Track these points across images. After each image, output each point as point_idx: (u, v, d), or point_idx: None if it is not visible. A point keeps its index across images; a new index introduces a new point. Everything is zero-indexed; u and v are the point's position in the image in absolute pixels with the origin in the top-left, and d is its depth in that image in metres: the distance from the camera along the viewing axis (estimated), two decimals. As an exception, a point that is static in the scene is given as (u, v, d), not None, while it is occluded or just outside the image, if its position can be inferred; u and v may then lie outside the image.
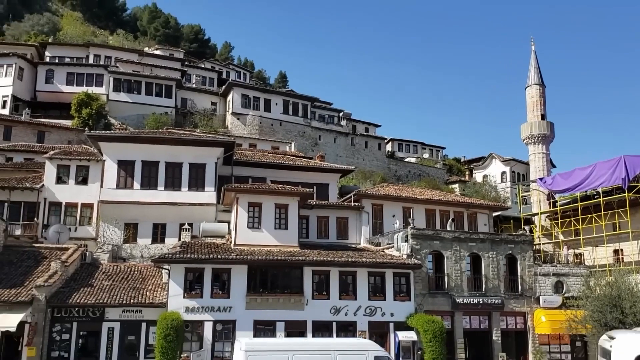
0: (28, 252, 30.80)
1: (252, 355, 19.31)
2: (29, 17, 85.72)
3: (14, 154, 44.65)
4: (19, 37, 78.13)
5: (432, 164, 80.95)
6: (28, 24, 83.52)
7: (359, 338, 26.35)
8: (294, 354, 19.65)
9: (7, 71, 57.66)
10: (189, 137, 37.85)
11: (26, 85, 59.21)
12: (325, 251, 30.75)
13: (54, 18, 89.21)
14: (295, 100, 68.92)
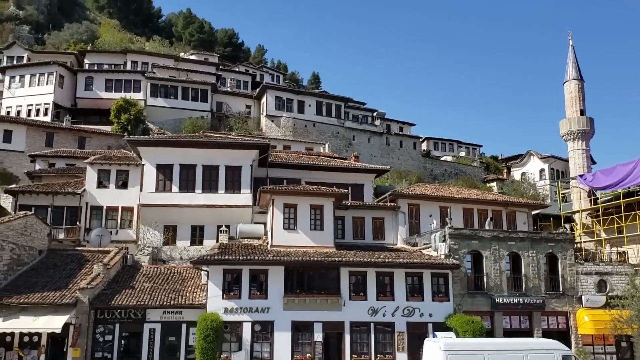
0: (71, 255, 31.63)
1: (452, 354, 20.61)
2: (69, 26, 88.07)
3: (56, 160, 45.91)
4: (59, 45, 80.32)
5: (468, 162, 79.92)
6: (68, 32, 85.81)
7: (545, 339, 26.24)
8: (489, 353, 21.21)
9: (49, 79, 59.41)
10: (225, 140, 38.32)
11: (67, 92, 60.85)
12: (361, 252, 30.69)
13: (92, 26, 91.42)
14: (328, 101, 68.97)
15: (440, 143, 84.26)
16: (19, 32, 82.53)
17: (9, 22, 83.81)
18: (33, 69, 60.42)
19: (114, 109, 55.93)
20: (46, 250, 31.62)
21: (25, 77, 60.23)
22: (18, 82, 60.42)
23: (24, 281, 28.02)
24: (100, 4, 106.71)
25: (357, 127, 70.05)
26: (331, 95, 73.10)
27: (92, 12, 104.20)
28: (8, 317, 25.61)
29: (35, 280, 28.19)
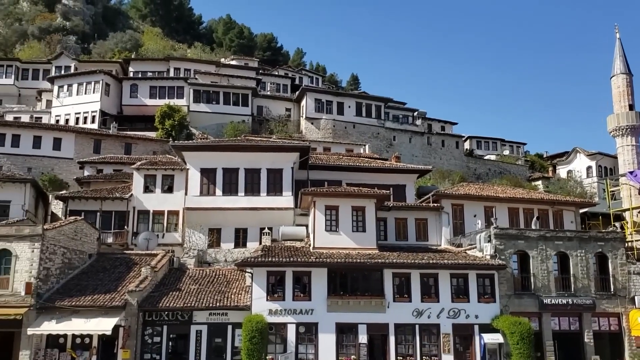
0: (120, 258, 32.48)
1: None
2: (113, 35, 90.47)
3: (104, 166, 47.23)
4: (104, 54, 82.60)
5: (512, 161, 78.37)
6: (112, 41, 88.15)
7: None
8: None
9: (95, 88, 61.16)
10: (266, 144, 38.67)
11: (112, 100, 62.51)
12: (405, 253, 30.47)
13: (136, 35, 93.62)
14: (368, 101, 68.74)
15: (483, 142, 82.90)
16: (66, 42, 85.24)
17: (57, 33, 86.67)
18: (80, 78, 62.31)
19: (158, 115, 57.19)
20: (96, 254, 32.56)
21: (73, 86, 62.18)
22: (66, 91, 62.41)
23: (75, 284, 28.91)
24: (143, 12, 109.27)
25: (397, 127, 69.57)
26: (371, 95, 72.83)
27: (135, 21, 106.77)
28: (61, 319, 26.48)
29: (86, 283, 29.06)
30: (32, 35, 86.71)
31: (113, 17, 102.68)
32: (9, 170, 47.01)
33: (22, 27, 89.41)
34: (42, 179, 46.17)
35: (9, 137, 51.53)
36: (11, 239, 27.28)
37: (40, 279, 27.25)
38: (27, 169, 49.75)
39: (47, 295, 27.42)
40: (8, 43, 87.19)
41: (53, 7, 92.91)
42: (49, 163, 51.37)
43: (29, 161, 51.09)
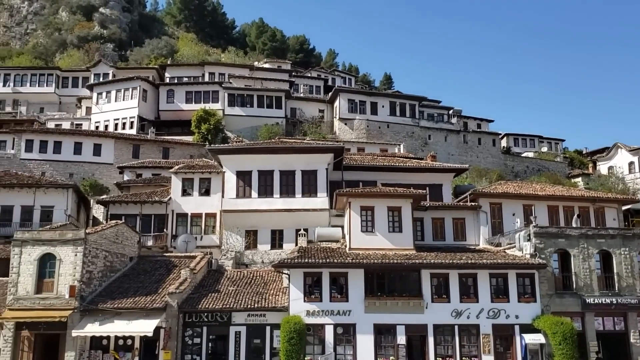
0: (160, 261, 33.06)
1: None
2: (149, 42, 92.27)
3: (143, 170, 48.19)
4: (141, 61, 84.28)
5: (551, 157, 76.81)
6: (148, 48, 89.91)
7: None
8: None
9: (133, 94, 62.46)
10: (300, 145, 38.78)
11: (150, 105, 63.71)
12: (442, 253, 30.17)
13: (171, 41, 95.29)
14: (402, 101, 68.34)
15: (520, 139, 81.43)
16: (104, 50, 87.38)
17: (95, 41, 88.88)
18: (118, 84, 63.75)
19: (195, 120, 58.05)
20: (136, 257, 33.22)
21: (112, 93, 63.63)
22: (105, 97, 63.91)
23: (117, 287, 29.56)
24: (178, 19, 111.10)
25: (432, 126, 68.96)
26: (404, 94, 72.43)
27: (170, 27, 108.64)
28: (104, 321, 27.14)
29: (128, 285, 29.67)
30: (71, 44, 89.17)
31: (149, 24, 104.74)
32: (51, 176, 48.53)
33: (61, 36, 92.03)
34: (83, 184, 47.39)
35: (51, 144, 53.13)
36: (55, 243, 28.08)
37: (84, 282, 27.95)
38: (69, 174, 51.23)
39: (90, 298, 28.10)
40: (48, 52, 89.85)
41: (91, 16, 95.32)
42: (89, 168, 52.73)
43: (70, 167, 52.56)
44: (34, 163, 52.37)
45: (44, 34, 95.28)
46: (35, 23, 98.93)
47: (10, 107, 70.42)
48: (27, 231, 29.42)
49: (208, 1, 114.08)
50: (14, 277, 27.85)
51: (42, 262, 27.94)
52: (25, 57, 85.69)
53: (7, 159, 52.58)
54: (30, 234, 28.74)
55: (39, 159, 52.70)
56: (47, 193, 38.30)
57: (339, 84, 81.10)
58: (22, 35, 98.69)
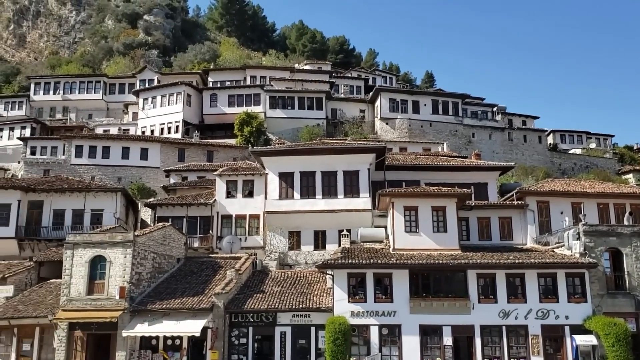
0: (206, 262, 33.61)
1: None
2: (192, 48, 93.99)
3: (188, 173, 49.13)
4: (185, 66, 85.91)
5: (600, 154, 74.58)
6: (191, 53, 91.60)
7: None
8: None
9: (177, 99, 63.72)
10: (342, 146, 38.77)
11: (194, 110, 64.87)
12: (488, 253, 29.65)
13: (213, 46, 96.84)
14: (444, 99, 67.56)
15: (567, 135, 79.35)
16: (148, 56, 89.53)
17: (140, 48, 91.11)
18: (163, 90, 65.15)
19: (237, 123, 58.81)
20: (183, 258, 33.85)
21: (157, 98, 65.07)
22: (150, 103, 65.42)
23: (165, 288, 30.19)
24: (219, 24, 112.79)
25: (476, 123, 67.91)
26: (447, 92, 71.59)
27: (212, 32, 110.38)
28: (153, 321, 27.74)
29: (175, 286, 30.27)
30: (117, 52, 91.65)
31: (191, 29, 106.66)
32: (100, 180, 50.01)
33: (107, 44, 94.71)
34: (131, 187, 48.64)
35: (100, 149, 54.82)
36: (105, 245, 28.89)
37: (133, 283, 28.64)
38: (117, 178, 52.72)
39: (139, 299, 28.78)
40: (96, 60, 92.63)
41: (135, 23, 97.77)
42: (137, 172, 54.10)
43: (118, 171, 54.06)
44: (84, 168, 54.08)
45: (91, 42, 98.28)
46: (82, 32, 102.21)
47: (61, 114, 73.00)
48: (79, 234, 30.34)
49: (249, 5, 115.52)
50: (67, 279, 28.77)
51: (93, 264, 28.76)
52: (74, 66, 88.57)
53: (59, 165, 54.48)
54: (82, 237, 29.63)
55: (88, 164, 54.41)
56: (96, 197, 39.48)
57: (379, 83, 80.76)
58: (71, 44, 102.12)
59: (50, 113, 73.28)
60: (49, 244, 37.77)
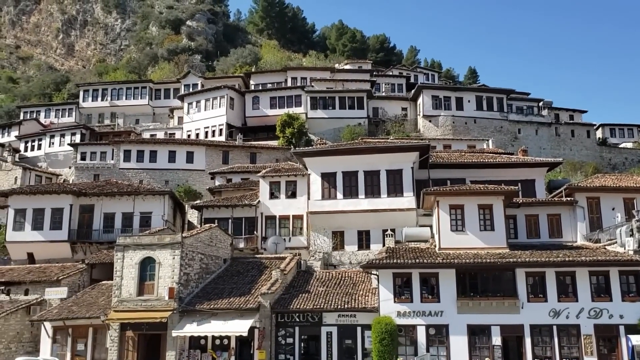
0: (251, 262, 33.98)
1: None
2: (234, 51, 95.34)
3: (232, 175, 49.89)
4: (227, 70, 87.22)
5: (653, 147, 71.89)
6: (233, 57, 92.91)
7: None
8: None
9: (221, 102, 64.67)
10: (384, 145, 38.56)
11: (237, 112, 65.70)
12: (537, 251, 28.95)
13: (255, 49, 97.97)
14: (488, 94, 66.39)
15: (617, 129, 76.76)
16: (192, 61, 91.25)
17: (183, 53, 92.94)
18: (207, 94, 66.19)
19: (279, 124, 59.27)
20: (229, 259, 34.32)
21: (201, 102, 66.15)
22: (195, 107, 66.56)
23: (213, 288, 30.66)
24: (260, 27, 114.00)
25: (522, 119, 66.52)
26: (491, 88, 70.40)
27: (253, 35, 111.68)
28: (201, 322, 28.22)
29: (222, 286, 30.71)
30: (162, 58, 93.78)
31: (233, 33, 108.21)
32: (148, 183, 51.24)
33: (152, 50, 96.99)
34: (178, 190, 49.66)
35: (147, 153, 56.23)
36: (154, 247, 29.55)
37: (181, 284, 29.20)
38: (164, 181, 53.93)
39: (188, 299, 29.32)
40: (141, 66, 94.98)
41: (179, 29, 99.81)
42: (183, 175, 55.22)
43: (165, 174, 55.29)
44: (132, 172, 55.51)
45: (137, 49, 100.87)
46: (128, 39, 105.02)
47: (109, 120, 75.19)
48: (128, 236, 31.05)
49: (288, 7, 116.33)
50: (118, 281, 29.55)
51: (143, 265, 29.44)
52: (121, 72, 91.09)
53: (108, 169, 56.07)
54: (132, 239, 30.38)
55: (136, 168, 55.83)
56: (145, 200, 40.45)
57: (421, 80, 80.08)
58: (117, 52, 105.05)
59: (98, 119, 75.60)
60: (100, 247, 38.95)
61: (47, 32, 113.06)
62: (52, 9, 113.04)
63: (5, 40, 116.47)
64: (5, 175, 56.06)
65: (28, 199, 39.93)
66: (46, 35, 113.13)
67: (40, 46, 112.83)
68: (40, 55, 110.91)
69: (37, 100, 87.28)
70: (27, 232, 39.45)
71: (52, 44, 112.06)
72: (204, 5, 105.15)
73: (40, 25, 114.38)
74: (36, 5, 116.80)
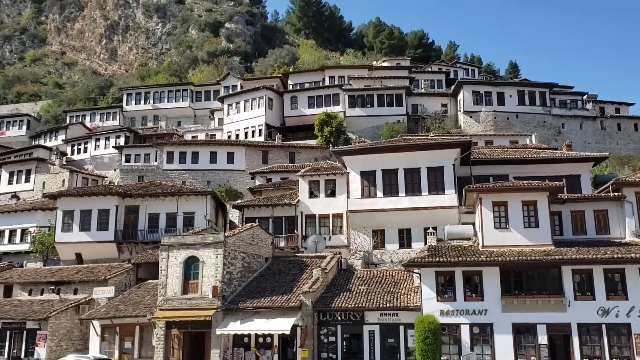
0: (292, 261, 34.21)
1: None
2: (272, 52, 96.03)
3: (272, 175, 50.31)
4: (265, 71, 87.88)
5: None
6: (271, 58, 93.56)
7: None
8: None
9: (260, 103, 65.20)
10: (424, 142, 38.18)
11: (275, 112, 66.13)
12: (584, 248, 28.23)
13: (292, 49, 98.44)
14: (530, 89, 65.07)
15: (667, 120, 74.05)
16: (231, 63, 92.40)
17: (223, 55, 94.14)
18: (246, 95, 66.83)
19: (317, 124, 59.40)
20: (271, 258, 34.64)
21: (240, 104, 66.82)
22: (234, 108, 67.31)
23: (255, 286, 31.00)
24: (297, 27, 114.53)
25: (565, 113, 64.97)
26: (533, 82, 68.90)
27: (291, 35, 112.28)
28: (244, 320, 28.56)
29: (264, 285, 31.01)
30: (202, 60, 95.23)
31: (270, 34, 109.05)
32: (191, 184, 52.14)
33: (192, 53, 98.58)
34: (219, 190, 50.35)
35: (189, 155, 57.23)
36: (198, 246, 30.07)
37: (225, 283, 29.61)
38: (206, 182, 54.77)
39: (231, 298, 29.72)
40: (182, 69, 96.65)
41: (217, 31, 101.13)
42: (224, 175, 55.96)
43: (207, 175, 56.14)
44: (175, 173, 56.56)
45: (177, 52, 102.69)
46: (168, 43, 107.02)
47: (152, 122, 76.74)
48: (173, 236, 31.67)
49: (325, 7, 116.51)
50: (163, 280, 30.19)
51: (187, 264, 30.01)
52: (162, 76, 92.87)
53: (152, 171, 57.27)
54: (176, 239, 30.97)
55: (179, 169, 56.86)
56: (188, 200, 41.15)
57: (461, 76, 79.00)
58: (158, 55, 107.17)
59: (142, 122, 77.27)
60: (145, 247, 39.81)
61: (91, 37, 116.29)
62: (95, 15, 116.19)
63: (51, 47, 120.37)
64: (53, 178, 57.84)
65: (76, 200, 41.10)
66: (90, 41, 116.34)
67: (85, 52, 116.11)
68: (84, 61, 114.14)
69: (83, 105, 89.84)
70: (75, 233, 40.60)
71: (95, 50, 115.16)
72: (242, 7, 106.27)
73: (84, 31, 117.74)
74: (80, 12, 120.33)
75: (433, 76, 76.26)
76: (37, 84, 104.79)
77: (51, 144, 71.42)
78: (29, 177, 58.91)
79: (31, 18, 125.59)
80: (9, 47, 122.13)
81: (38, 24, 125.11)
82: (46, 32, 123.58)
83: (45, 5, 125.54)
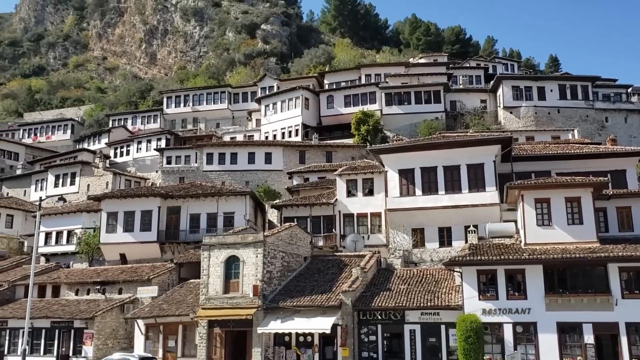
0: (331, 260, 34.26)
1: None
2: (307, 52, 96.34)
3: (309, 175, 50.53)
4: (301, 71, 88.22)
5: None
6: (307, 58, 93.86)
7: None
8: None
9: (296, 103, 65.50)
10: (463, 139, 37.71)
11: (312, 112, 66.29)
12: (631, 245, 27.37)
13: (328, 48, 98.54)
14: (572, 83, 63.41)
15: None
16: (267, 64, 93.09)
17: (259, 57, 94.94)
18: (282, 96, 67.25)
19: (354, 122, 59.31)
20: (309, 257, 34.76)
21: (277, 104, 67.28)
22: (271, 109, 67.83)
23: (295, 286, 31.17)
24: (332, 26, 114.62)
25: (609, 107, 63.05)
26: (574, 76, 67.22)
27: (326, 35, 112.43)
28: (285, 319, 28.74)
29: (304, 284, 31.15)
30: (239, 62, 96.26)
31: (306, 34, 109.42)
32: (230, 185, 52.71)
33: (229, 55, 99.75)
34: (258, 190, 50.81)
35: (228, 156, 57.98)
36: (238, 246, 30.43)
37: (265, 282, 29.87)
38: (245, 182, 55.34)
39: (271, 297, 29.95)
40: (219, 72, 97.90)
41: (254, 33, 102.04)
42: (262, 176, 56.47)
43: (245, 175, 56.76)
44: (215, 174, 57.33)
45: (215, 55, 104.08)
46: (206, 46, 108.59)
47: (191, 124, 78.00)
48: (213, 236, 32.12)
49: (360, 5, 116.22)
50: (205, 279, 30.65)
51: (228, 264, 30.41)
52: (200, 78, 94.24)
53: (192, 172, 58.22)
54: (217, 239, 31.40)
55: (218, 170, 57.64)
56: (228, 200, 41.65)
57: (500, 71, 77.69)
58: (196, 58, 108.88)
59: (181, 124, 78.59)
60: (187, 247, 40.46)
61: (131, 42, 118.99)
62: (134, 20, 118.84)
63: (93, 52, 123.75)
64: (97, 181, 59.34)
65: (119, 202, 42.09)
66: (130, 46, 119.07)
67: (125, 56, 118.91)
68: (125, 65, 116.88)
69: (124, 109, 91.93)
70: (119, 234, 41.56)
71: (135, 54, 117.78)
72: (278, 9, 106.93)
73: (124, 36, 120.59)
74: (120, 18, 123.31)
75: (471, 72, 75.17)
76: (80, 89, 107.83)
77: (95, 147, 73.33)
78: (74, 180, 60.52)
79: (73, 25, 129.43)
80: (52, 53, 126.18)
81: (80, 31, 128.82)
82: (88, 38, 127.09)
83: (87, 12, 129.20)
